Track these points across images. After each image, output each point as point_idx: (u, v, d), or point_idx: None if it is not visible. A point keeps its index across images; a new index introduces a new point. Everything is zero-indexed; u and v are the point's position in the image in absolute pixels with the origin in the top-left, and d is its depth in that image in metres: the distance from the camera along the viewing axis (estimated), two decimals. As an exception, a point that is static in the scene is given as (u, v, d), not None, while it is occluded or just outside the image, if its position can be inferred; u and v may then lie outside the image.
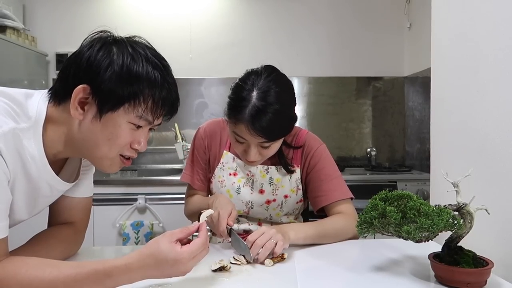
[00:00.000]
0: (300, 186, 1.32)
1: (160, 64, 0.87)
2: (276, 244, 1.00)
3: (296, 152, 1.33)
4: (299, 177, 1.32)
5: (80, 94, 0.82)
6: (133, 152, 0.91)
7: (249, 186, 1.32)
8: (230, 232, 1.09)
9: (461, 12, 1.15)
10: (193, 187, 1.39)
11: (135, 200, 2.43)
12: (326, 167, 1.30)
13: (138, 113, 0.85)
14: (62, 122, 0.86)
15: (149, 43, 0.91)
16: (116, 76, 0.82)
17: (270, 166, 1.31)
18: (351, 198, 1.28)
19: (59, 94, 0.85)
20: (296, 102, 1.21)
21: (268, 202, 1.31)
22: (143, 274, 0.79)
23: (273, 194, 1.31)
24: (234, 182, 1.32)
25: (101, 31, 0.88)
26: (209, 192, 1.41)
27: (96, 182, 1.10)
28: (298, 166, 1.32)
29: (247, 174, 1.33)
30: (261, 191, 1.31)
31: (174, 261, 0.79)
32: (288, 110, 1.16)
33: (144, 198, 2.43)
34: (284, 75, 1.19)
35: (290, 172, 1.31)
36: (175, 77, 0.90)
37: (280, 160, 1.30)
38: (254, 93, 1.10)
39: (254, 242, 1.00)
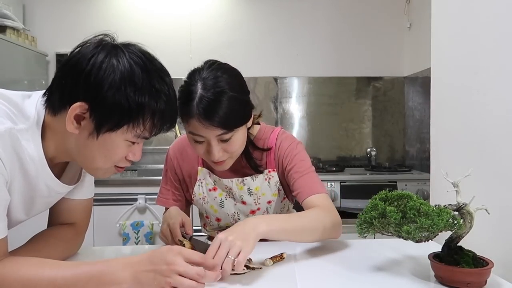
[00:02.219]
0: (281, 187, 1.28)
1: (165, 79, 0.84)
2: (238, 255, 0.87)
3: (269, 156, 1.27)
4: (278, 180, 1.27)
5: (77, 110, 0.79)
6: (128, 162, 0.90)
7: (231, 197, 1.28)
8: (191, 240, 1.04)
9: (461, 12, 1.15)
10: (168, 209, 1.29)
11: (135, 200, 2.43)
12: (297, 164, 1.23)
13: (137, 133, 0.83)
14: (58, 132, 0.85)
15: (150, 53, 0.86)
16: (117, 99, 0.79)
17: (245, 178, 1.26)
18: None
19: (55, 105, 0.83)
20: (248, 89, 1.15)
21: (252, 212, 1.28)
22: (136, 267, 0.78)
23: (256, 204, 1.27)
24: (215, 197, 1.28)
25: (102, 35, 0.84)
26: (190, 210, 1.39)
27: (96, 182, 1.10)
28: (274, 170, 1.27)
29: (225, 188, 1.28)
30: (243, 202, 1.28)
31: (166, 252, 0.78)
32: (238, 94, 1.08)
33: (144, 198, 2.43)
34: (228, 64, 1.14)
35: (259, 172, 1.25)
36: (175, 77, 0.89)
37: (248, 161, 1.24)
38: (199, 84, 1.05)
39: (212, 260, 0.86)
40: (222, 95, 1.04)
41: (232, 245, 0.88)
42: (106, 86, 0.78)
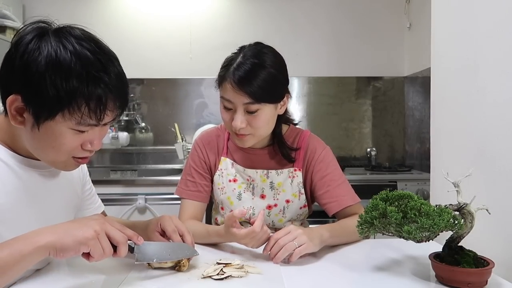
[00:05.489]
0: (303, 191, 1.29)
1: (106, 63, 0.78)
2: (298, 246, 0.98)
3: (298, 155, 1.29)
4: (301, 181, 1.29)
5: (15, 104, 0.77)
6: (86, 152, 0.84)
7: (250, 191, 1.29)
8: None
9: (461, 12, 1.15)
10: (190, 206, 1.28)
11: (135, 200, 2.42)
12: (333, 172, 1.28)
13: (76, 120, 0.77)
14: (15, 130, 0.83)
15: (86, 31, 0.80)
16: (43, 87, 0.74)
17: (270, 171, 1.28)
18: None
19: (3, 104, 0.79)
20: (287, 74, 1.21)
21: (269, 207, 1.29)
22: (50, 230, 0.74)
23: (274, 199, 1.28)
24: (234, 189, 1.29)
25: (36, 22, 0.80)
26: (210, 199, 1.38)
27: (96, 182, 1.10)
28: (300, 169, 1.29)
29: (247, 180, 1.29)
30: (262, 196, 1.29)
31: (87, 219, 0.79)
32: (275, 71, 1.15)
33: (144, 198, 2.42)
34: (272, 47, 1.23)
35: (291, 161, 1.28)
36: (174, 77, 0.88)
37: (281, 149, 1.27)
38: (241, 54, 1.16)
39: (277, 241, 0.99)
40: (258, 66, 1.12)
41: (299, 235, 0.99)
42: (30, 73, 0.74)
